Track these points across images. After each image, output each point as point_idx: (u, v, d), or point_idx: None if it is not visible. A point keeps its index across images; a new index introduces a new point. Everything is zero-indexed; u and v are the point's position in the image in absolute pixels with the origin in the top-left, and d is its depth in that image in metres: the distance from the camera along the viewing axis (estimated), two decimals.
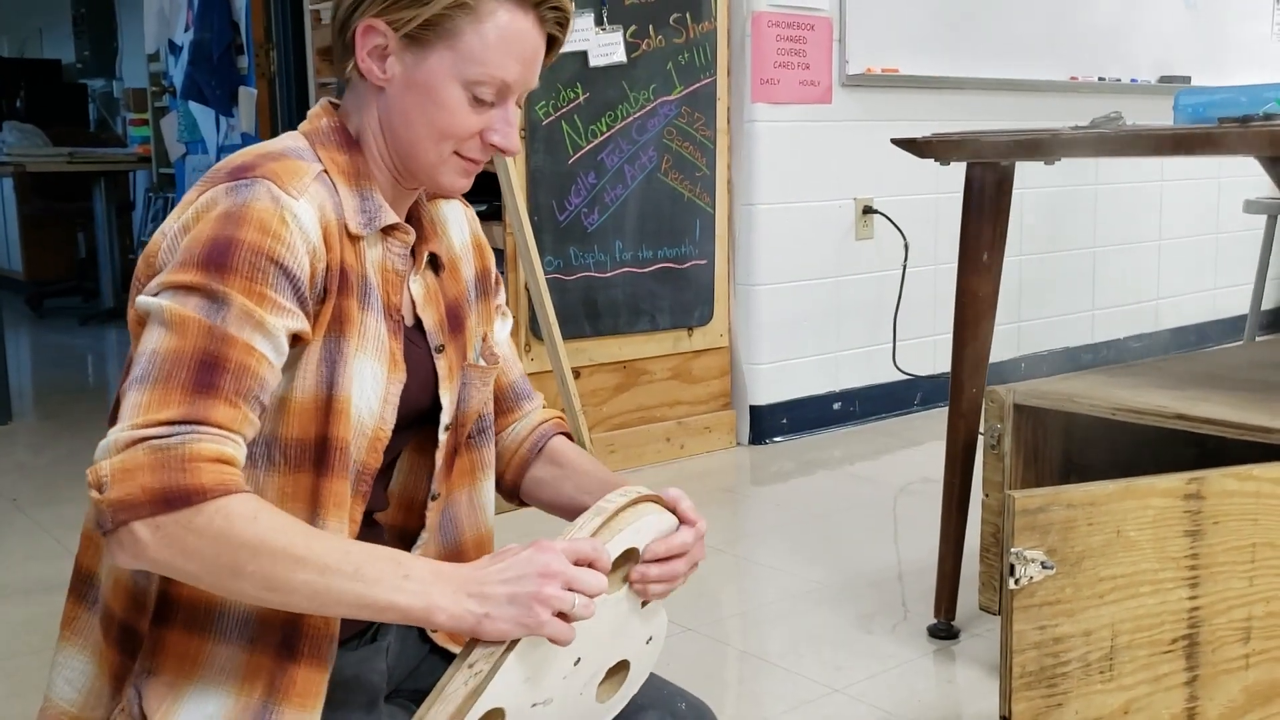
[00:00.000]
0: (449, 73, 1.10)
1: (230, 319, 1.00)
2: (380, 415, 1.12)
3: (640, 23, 3.52)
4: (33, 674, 2.27)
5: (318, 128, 1.15)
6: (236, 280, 1.01)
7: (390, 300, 1.15)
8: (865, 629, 2.44)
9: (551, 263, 3.41)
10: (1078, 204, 4.79)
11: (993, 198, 2.26)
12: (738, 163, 3.81)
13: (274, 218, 1.03)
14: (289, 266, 1.03)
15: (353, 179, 1.13)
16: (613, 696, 1.16)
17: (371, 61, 1.12)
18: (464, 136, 1.13)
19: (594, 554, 1.03)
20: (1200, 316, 5.38)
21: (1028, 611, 1.56)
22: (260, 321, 1.01)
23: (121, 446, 0.95)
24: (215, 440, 0.97)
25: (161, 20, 5.59)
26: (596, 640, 1.08)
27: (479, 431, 1.28)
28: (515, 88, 1.13)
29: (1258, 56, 5.37)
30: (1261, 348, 2.72)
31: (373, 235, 1.14)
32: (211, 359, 0.99)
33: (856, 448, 3.87)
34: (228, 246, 1.01)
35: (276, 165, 1.07)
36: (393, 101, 1.13)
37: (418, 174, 1.15)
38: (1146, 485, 1.60)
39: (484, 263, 1.31)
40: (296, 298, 1.04)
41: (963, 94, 4.28)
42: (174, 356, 0.99)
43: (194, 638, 1.07)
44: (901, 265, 4.15)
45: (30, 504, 3.34)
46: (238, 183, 1.05)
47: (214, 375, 0.99)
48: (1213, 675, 1.65)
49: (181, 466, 0.95)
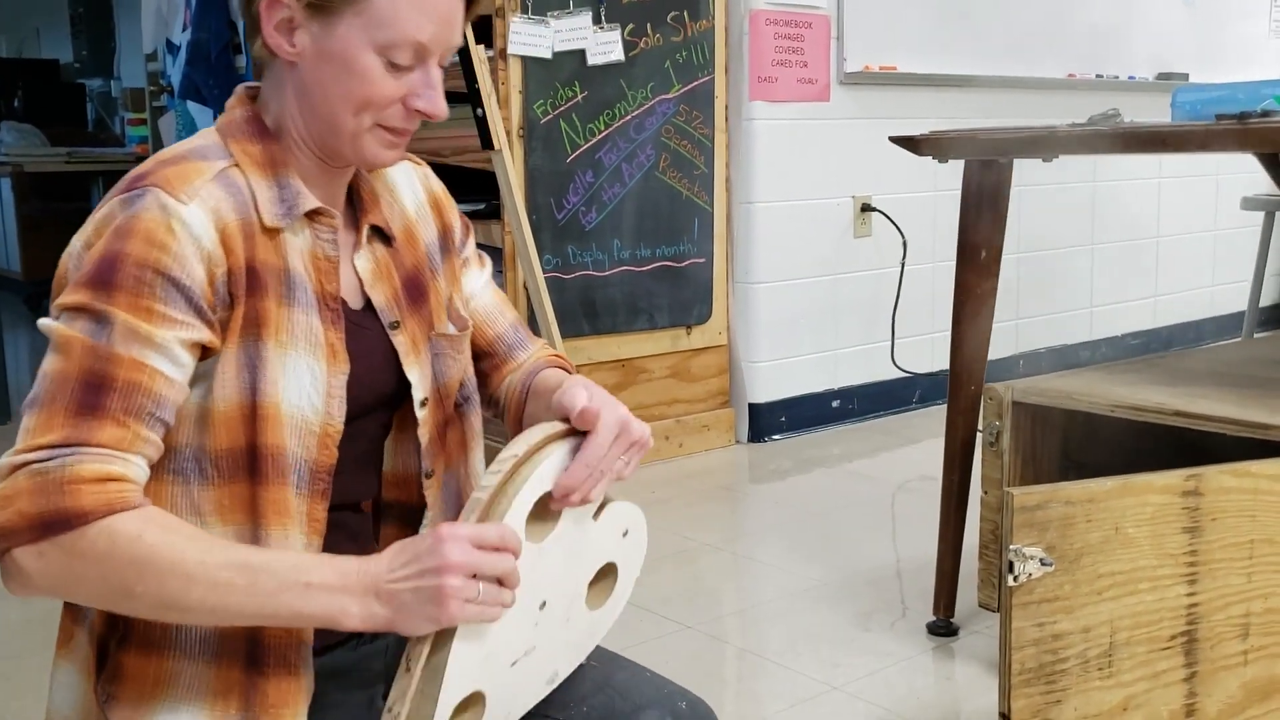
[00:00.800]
0: (360, 39, 1.05)
1: (115, 337, 0.98)
2: (326, 411, 1.09)
3: (638, 21, 3.52)
4: (33, 674, 2.27)
5: (232, 120, 1.12)
6: (121, 297, 0.99)
7: (324, 289, 1.10)
8: (864, 626, 2.44)
9: (550, 261, 3.41)
10: (1076, 201, 4.79)
11: (990, 195, 2.26)
12: (736, 161, 3.81)
13: (160, 228, 1.00)
14: (178, 278, 1.00)
15: (268, 168, 1.09)
16: (607, 599, 1.16)
17: (279, 36, 1.07)
18: (384, 105, 1.08)
19: (499, 540, 0.99)
20: (1198, 313, 5.38)
21: (1026, 608, 1.57)
22: (147, 336, 0.99)
23: (4, 474, 0.95)
24: (98, 460, 0.95)
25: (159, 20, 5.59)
26: (554, 576, 1.07)
27: (464, 400, 1.24)
28: (433, 48, 1.08)
29: (1255, 54, 5.37)
30: (1259, 344, 2.72)
31: (296, 223, 1.09)
32: (97, 379, 0.97)
33: (855, 445, 3.87)
34: (113, 262, 0.99)
35: (170, 170, 1.04)
36: (306, 76, 1.08)
37: (340, 149, 1.10)
38: (1145, 482, 1.60)
39: (444, 220, 1.27)
40: (191, 308, 1.01)
41: (960, 91, 4.28)
42: (59, 378, 0.97)
43: (152, 658, 1.05)
44: (900, 263, 4.16)
45: None
46: (130, 194, 1.02)
47: (99, 396, 0.97)
48: (1211, 671, 1.65)
49: (60, 490, 0.93)
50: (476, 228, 3.47)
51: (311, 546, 1.09)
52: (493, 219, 3.42)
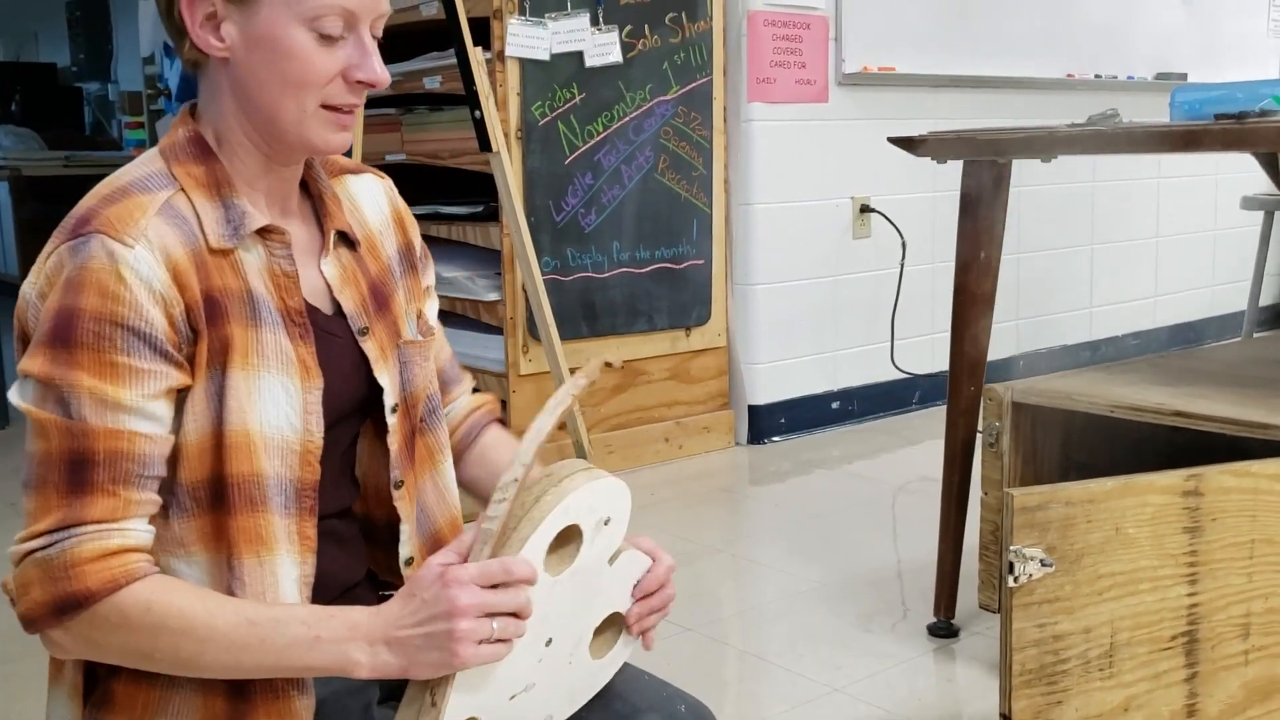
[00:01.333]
0: (285, 16, 1.03)
1: (85, 411, 0.98)
2: (305, 429, 1.08)
3: (636, 23, 3.52)
4: (32, 679, 2.26)
5: (174, 141, 1.09)
6: (83, 357, 0.98)
7: (288, 305, 1.09)
8: (865, 628, 2.44)
9: (549, 263, 3.40)
10: (1075, 201, 4.79)
11: (990, 196, 2.26)
12: (734, 162, 3.81)
13: (111, 277, 0.98)
14: (136, 326, 0.99)
15: (212, 190, 1.07)
16: (609, 652, 1.15)
17: (206, 34, 1.05)
18: (323, 82, 1.06)
19: (504, 575, 0.99)
20: (1198, 313, 5.38)
21: (1027, 609, 1.56)
22: (115, 402, 0.98)
23: (15, 561, 0.99)
24: (96, 538, 0.98)
25: (156, 23, 5.58)
26: (563, 614, 1.06)
27: (429, 412, 1.23)
28: (362, 14, 1.06)
29: (1254, 53, 5.37)
30: (1259, 344, 2.72)
31: (248, 241, 1.07)
32: (78, 455, 0.98)
33: (855, 447, 3.87)
34: (70, 319, 0.98)
35: (112, 211, 1.01)
36: (240, 69, 1.06)
37: (286, 139, 1.08)
38: (1145, 482, 1.60)
39: (407, 237, 1.25)
40: (157, 354, 1.00)
41: (959, 92, 4.28)
42: (44, 460, 0.99)
43: (142, 688, 1.05)
44: (899, 264, 4.15)
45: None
46: (76, 241, 1.00)
47: (84, 472, 0.98)
48: (1212, 672, 1.65)
49: (66, 575, 0.97)
50: (475, 230, 3.47)
51: (306, 564, 1.08)
52: (491, 221, 3.42)
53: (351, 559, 1.20)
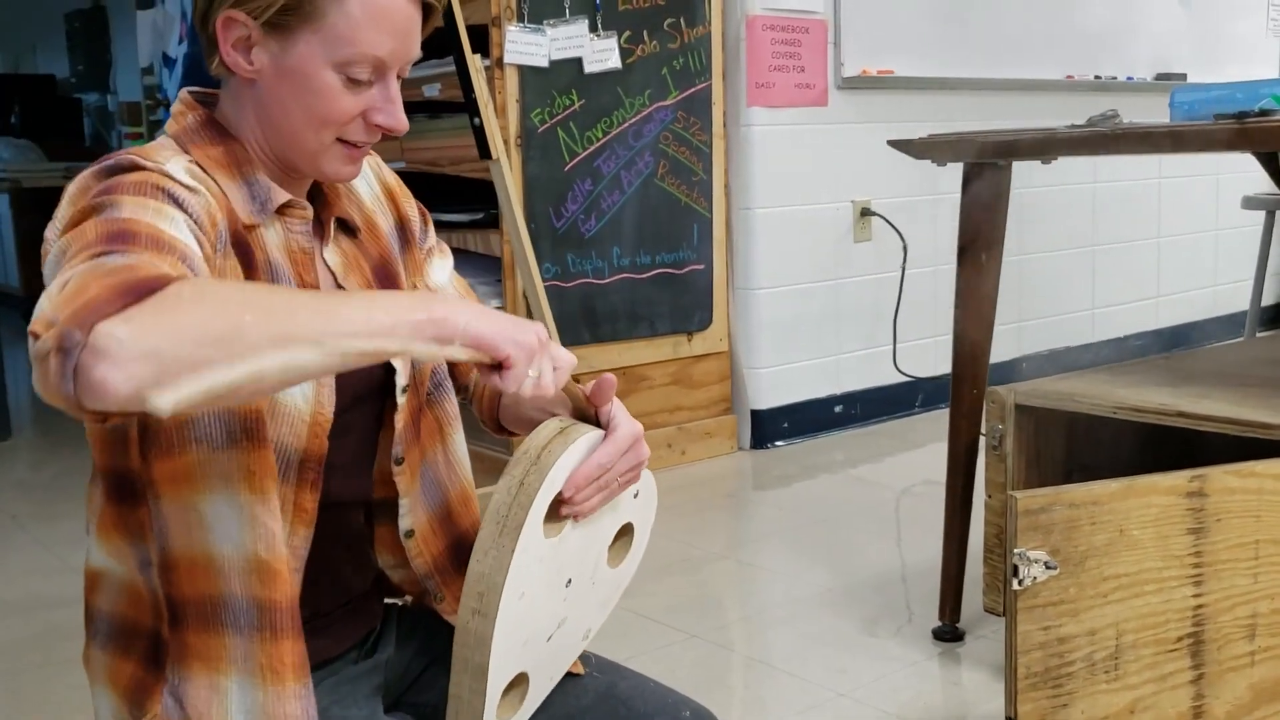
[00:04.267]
0: (318, 56, 1.04)
1: (126, 211, 0.93)
2: (316, 399, 1.07)
3: (634, 28, 3.52)
4: (34, 691, 2.26)
5: (184, 126, 1.10)
6: (125, 194, 0.95)
7: (304, 281, 1.10)
8: (870, 632, 2.43)
9: (549, 270, 3.40)
10: (1076, 203, 4.79)
11: (990, 198, 2.26)
12: (734, 167, 3.81)
13: (152, 174, 0.98)
14: (179, 196, 0.98)
15: (233, 168, 1.08)
16: (626, 556, 1.19)
17: (237, 54, 1.06)
18: (344, 121, 1.08)
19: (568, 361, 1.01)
20: (1200, 314, 5.37)
21: (1032, 612, 1.56)
22: (158, 210, 0.94)
23: (57, 290, 0.83)
24: (151, 263, 0.87)
25: (155, 33, 5.59)
26: (575, 555, 1.10)
27: (435, 386, 1.23)
28: (392, 63, 1.07)
29: (1253, 53, 5.37)
30: (1262, 344, 2.72)
31: (269, 219, 1.09)
32: (118, 232, 0.90)
33: (858, 450, 3.86)
34: (109, 190, 0.96)
35: (139, 149, 1.02)
36: (265, 93, 1.07)
37: (300, 164, 1.10)
38: (1149, 484, 1.59)
39: (399, 210, 1.26)
40: (193, 221, 0.98)
41: (959, 94, 4.28)
42: (77, 245, 0.89)
43: (209, 635, 1.04)
44: (900, 267, 4.15)
45: (30, 520, 3.34)
46: (102, 165, 1.00)
47: (126, 240, 0.89)
48: (1219, 673, 1.64)
49: (130, 269, 0.84)
50: (475, 237, 3.47)
51: (297, 536, 1.08)
52: (491, 228, 3.42)
53: (353, 559, 1.20)
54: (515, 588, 1.01)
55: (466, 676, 1.03)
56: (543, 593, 1.06)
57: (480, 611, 1.02)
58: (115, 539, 1.08)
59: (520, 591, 1.02)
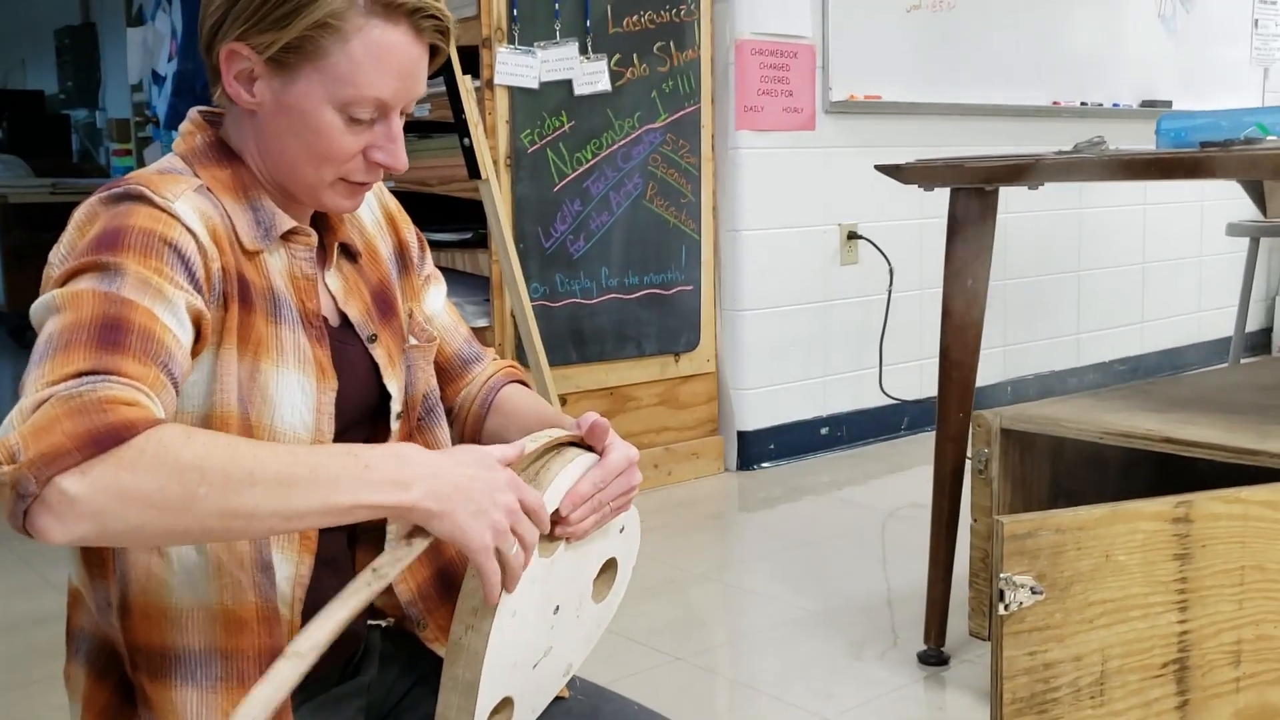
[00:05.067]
0: (320, 96, 1.04)
1: (127, 286, 0.93)
2: (316, 428, 1.07)
3: (624, 51, 3.53)
4: (15, 710, 2.24)
5: (193, 146, 1.10)
6: (130, 255, 0.95)
7: (306, 308, 1.09)
8: (855, 656, 2.43)
9: (537, 290, 3.40)
10: (1062, 228, 4.81)
11: (977, 223, 2.26)
12: (723, 189, 3.82)
13: (159, 212, 0.99)
14: (182, 248, 0.98)
15: (239, 192, 1.08)
16: (609, 591, 1.20)
17: (239, 86, 1.06)
18: (343, 160, 1.07)
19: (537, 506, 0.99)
20: (1185, 339, 5.40)
21: (1018, 637, 1.56)
22: (159, 289, 0.94)
23: (28, 411, 0.84)
24: (129, 388, 0.87)
25: (145, 51, 5.59)
26: (564, 582, 1.10)
27: (427, 411, 1.23)
28: (395, 103, 1.06)
29: (1238, 81, 5.41)
30: (1246, 370, 2.73)
31: (273, 244, 1.08)
32: (113, 321, 0.90)
33: (844, 473, 3.86)
34: (117, 232, 0.96)
35: (149, 176, 1.03)
36: (265, 126, 1.07)
37: (299, 196, 1.10)
38: (1134, 509, 1.60)
39: (399, 236, 1.25)
40: (192, 282, 0.98)
41: (946, 119, 4.30)
42: (71, 327, 0.90)
43: (159, 687, 1.03)
44: (887, 290, 4.16)
45: (12, 537, 3.30)
46: (114, 192, 1.00)
47: (118, 335, 0.90)
48: (1203, 700, 1.64)
49: (101, 409, 0.84)
50: (464, 256, 3.47)
51: (303, 564, 1.08)
52: (480, 248, 3.42)
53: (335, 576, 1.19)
54: (509, 604, 1.01)
55: (456, 695, 1.02)
56: (533, 615, 1.07)
57: (473, 627, 1.02)
58: (81, 572, 1.08)
59: (513, 609, 1.02)
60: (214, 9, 1.06)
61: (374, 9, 1.03)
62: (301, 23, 1.02)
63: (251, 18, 1.03)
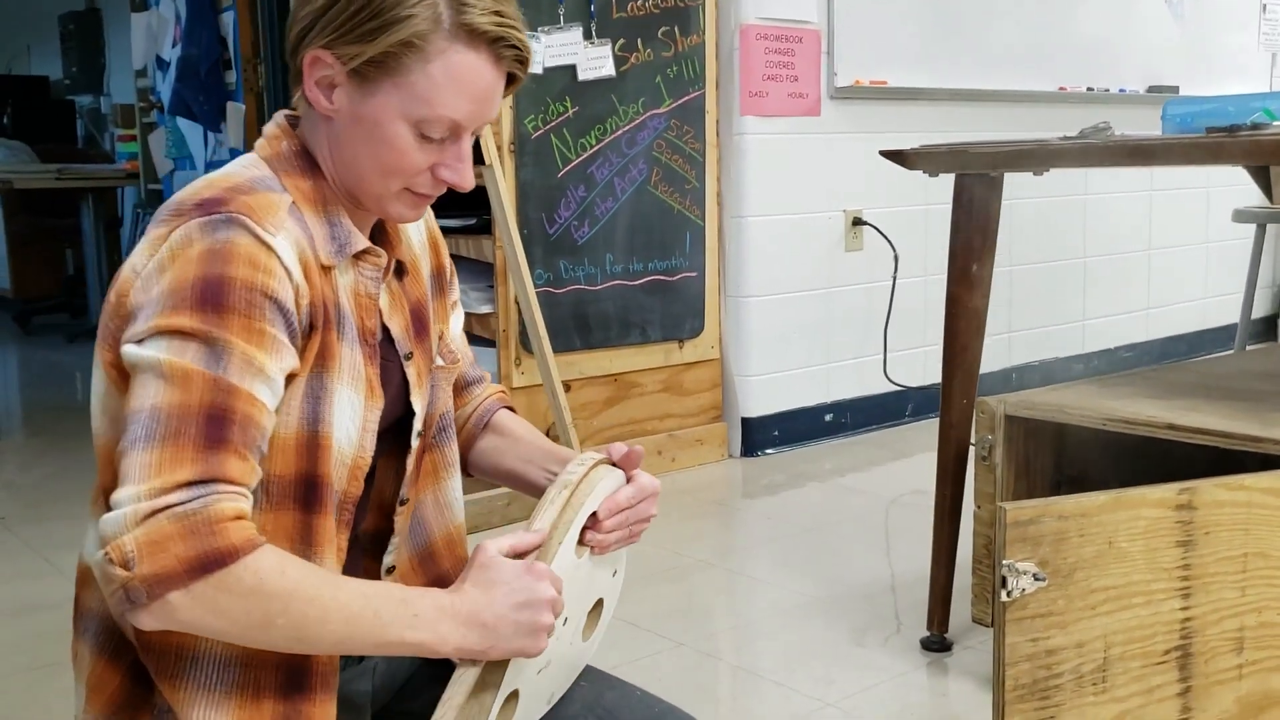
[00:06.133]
0: (396, 111, 1.07)
1: (232, 368, 0.97)
2: (360, 444, 1.10)
3: (629, 36, 3.52)
4: (21, 695, 2.25)
5: (278, 151, 1.12)
6: (234, 320, 0.98)
7: (365, 325, 1.12)
8: (858, 642, 2.43)
9: (541, 276, 3.40)
10: (1067, 214, 4.80)
11: (982, 209, 2.26)
12: (727, 175, 3.81)
13: (261, 253, 1.00)
14: (281, 300, 1.01)
15: (319, 205, 1.10)
16: (594, 632, 1.21)
17: (319, 91, 1.09)
18: (412, 174, 1.10)
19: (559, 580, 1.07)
20: (1190, 326, 5.39)
21: (1020, 624, 1.56)
22: (260, 368, 0.99)
23: (142, 517, 0.92)
24: (232, 498, 0.95)
25: (149, 36, 5.58)
26: (575, 598, 1.13)
27: (440, 430, 1.25)
28: (467, 126, 1.09)
29: (1244, 67, 5.39)
30: (1252, 357, 2.72)
31: (344, 262, 1.11)
32: (219, 411, 0.96)
33: (848, 459, 3.86)
34: (220, 285, 0.98)
35: (249, 200, 1.03)
36: (340, 133, 1.10)
37: (365, 203, 1.13)
38: (1138, 496, 1.59)
39: (439, 259, 1.29)
40: (289, 332, 1.02)
41: (951, 105, 4.29)
42: (180, 412, 0.95)
43: (168, 686, 1.04)
44: (891, 276, 4.16)
45: (18, 522, 3.32)
46: (212, 218, 1.01)
47: (223, 429, 0.96)
48: (1206, 686, 1.64)
49: (210, 530, 0.93)
50: (468, 243, 3.47)
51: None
52: (484, 234, 3.41)
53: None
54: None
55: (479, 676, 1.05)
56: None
57: None
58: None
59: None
60: (303, 15, 1.08)
61: (458, 34, 1.05)
62: (387, 39, 1.04)
63: (340, 29, 1.06)
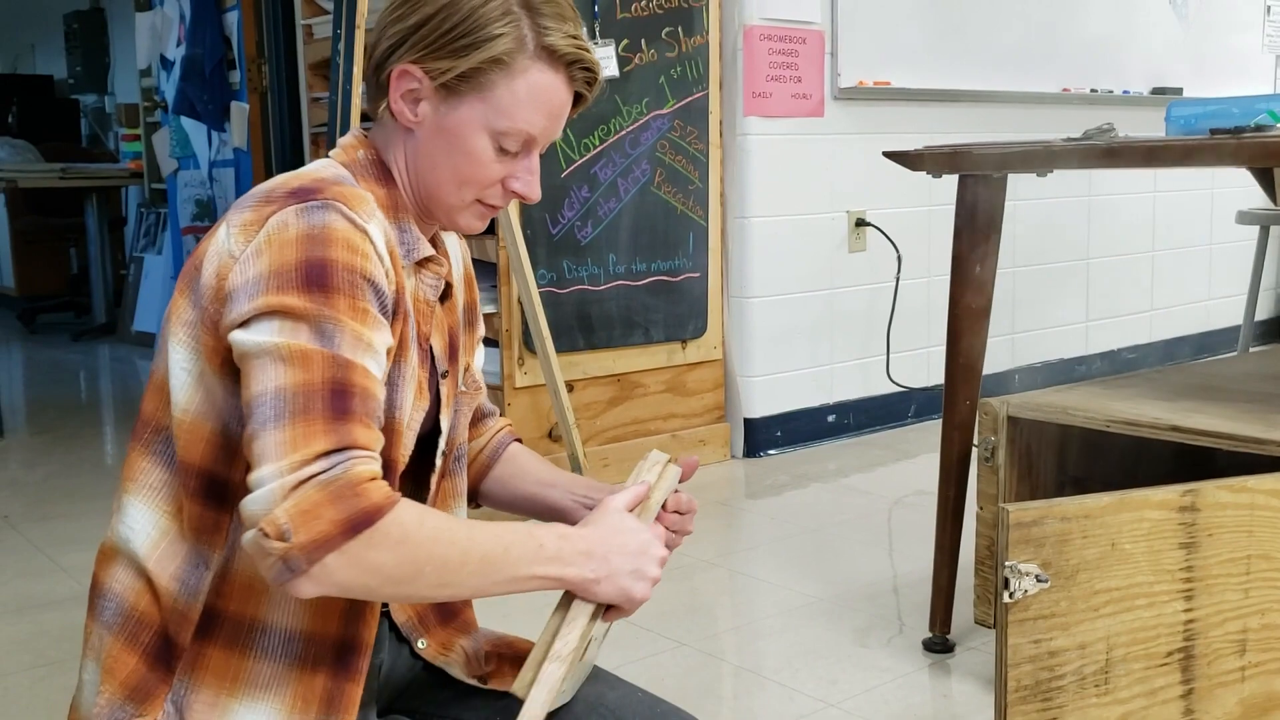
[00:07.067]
0: (478, 123, 1.13)
1: (344, 345, 1.02)
2: (403, 448, 1.14)
3: (632, 37, 3.52)
4: (24, 693, 2.25)
5: (355, 159, 1.17)
6: (340, 300, 1.02)
7: (421, 330, 1.17)
8: (860, 643, 2.43)
9: (545, 276, 3.40)
10: (1071, 216, 4.79)
11: (985, 210, 2.26)
12: (730, 176, 3.82)
13: (358, 237, 1.05)
14: (378, 283, 1.06)
15: (391, 211, 1.16)
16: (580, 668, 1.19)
17: (404, 104, 1.14)
18: (486, 184, 1.16)
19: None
20: (1194, 328, 5.38)
21: (1023, 625, 1.56)
22: (369, 344, 1.03)
23: (289, 489, 0.96)
24: (365, 462, 0.99)
25: (153, 35, 5.59)
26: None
27: (455, 459, 1.29)
28: (540, 140, 1.16)
29: (1249, 68, 5.38)
30: (1255, 359, 2.72)
31: (408, 266, 1.16)
32: (341, 385, 1.00)
33: (851, 460, 3.86)
34: (323, 267, 1.02)
35: (341, 190, 1.08)
36: (421, 144, 1.15)
37: (436, 213, 1.18)
38: (1141, 497, 1.59)
39: (471, 295, 1.34)
40: (384, 312, 1.07)
41: (955, 106, 4.29)
42: (305, 390, 0.99)
43: (235, 654, 1.08)
44: (894, 277, 4.16)
45: (22, 520, 3.33)
46: (307, 204, 1.05)
47: (347, 401, 1.00)
48: (1209, 688, 1.64)
49: (355, 492, 0.97)
50: (471, 243, 3.47)
51: None
52: (487, 234, 3.42)
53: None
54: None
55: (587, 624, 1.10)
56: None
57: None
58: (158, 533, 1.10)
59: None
60: (393, 32, 1.14)
61: (540, 54, 1.13)
62: (477, 56, 1.11)
63: (431, 45, 1.12)
